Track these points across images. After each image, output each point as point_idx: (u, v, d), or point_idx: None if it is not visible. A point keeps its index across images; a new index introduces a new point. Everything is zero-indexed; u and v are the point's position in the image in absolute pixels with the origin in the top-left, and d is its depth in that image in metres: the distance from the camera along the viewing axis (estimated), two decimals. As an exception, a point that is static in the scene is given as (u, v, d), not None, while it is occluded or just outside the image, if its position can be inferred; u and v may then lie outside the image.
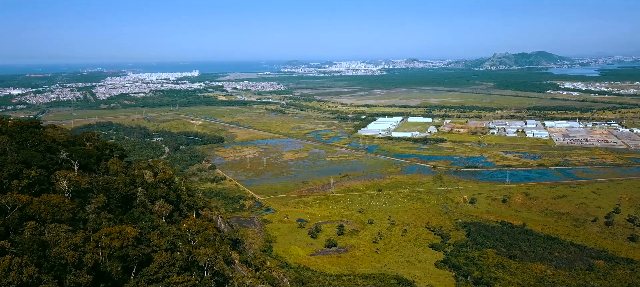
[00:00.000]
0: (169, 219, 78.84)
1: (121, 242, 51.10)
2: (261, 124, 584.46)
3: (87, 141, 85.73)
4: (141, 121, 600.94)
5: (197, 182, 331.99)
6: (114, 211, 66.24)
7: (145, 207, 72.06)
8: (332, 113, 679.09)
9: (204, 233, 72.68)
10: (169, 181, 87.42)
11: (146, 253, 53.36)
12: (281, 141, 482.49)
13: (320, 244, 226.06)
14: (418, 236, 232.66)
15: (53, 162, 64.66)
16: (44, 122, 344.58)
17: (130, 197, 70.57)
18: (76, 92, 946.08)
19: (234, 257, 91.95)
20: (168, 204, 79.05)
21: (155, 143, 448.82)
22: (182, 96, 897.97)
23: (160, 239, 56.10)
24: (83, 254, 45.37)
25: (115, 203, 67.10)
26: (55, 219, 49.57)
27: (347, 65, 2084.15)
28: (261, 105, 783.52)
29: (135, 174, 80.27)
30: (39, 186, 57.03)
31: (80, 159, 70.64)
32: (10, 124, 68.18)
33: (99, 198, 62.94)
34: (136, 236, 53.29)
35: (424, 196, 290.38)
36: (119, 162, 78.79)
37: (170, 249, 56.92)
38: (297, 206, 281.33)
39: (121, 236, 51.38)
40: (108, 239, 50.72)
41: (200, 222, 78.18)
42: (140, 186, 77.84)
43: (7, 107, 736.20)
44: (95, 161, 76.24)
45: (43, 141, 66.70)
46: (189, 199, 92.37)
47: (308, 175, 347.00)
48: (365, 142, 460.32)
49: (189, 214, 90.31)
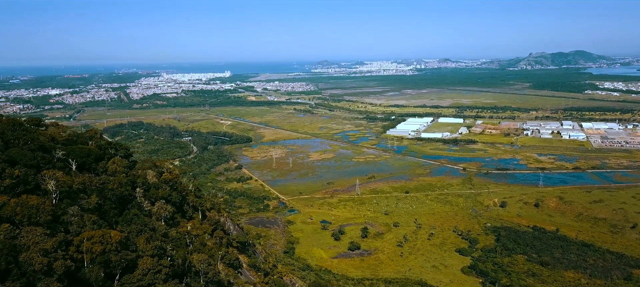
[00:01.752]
0: (171, 221, 76.07)
1: (103, 247, 48.15)
2: (289, 124, 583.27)
3: (90, 140, 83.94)
4: (171, 121, 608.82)
5: (223, 181, 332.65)
6: (108, 213, 63.75)
7: (141, 209, 69.21)
8: (361, 113, 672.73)
9: (200, 237, 69.34)
10: (172, 182, 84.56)
11: (130, 259, 50.28)
12: (308, 141, 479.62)
13: (343, 246, 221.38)
14: (445, 240, 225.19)
15: (45, 161, 62.52)
16: (79, 122, 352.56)
17: (126, 199, 67.96)
18: (111, 92, 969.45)
19: (242, 261, 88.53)
20: (170, 205, 76.32)
21: (184, 143, 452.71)
22: (212, 96, 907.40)
23: (147, 244, 52.93)
24: (54, 260, 42.53)
25: (110, 204, 64.51)
26: (32, 222, 47.03)
27: (378, 66, 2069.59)
28: (290, 105, 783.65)
29: (136, 175, 77.67)
30: (23, 186, 54.88)
31: (77, 158, 68.48)
32: (4, 121, 66.45)
33: (90, 199, 60.45)
34: (121, 240, 50.29)
35: (452, 199, 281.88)
36: (121, 161, 76.32)
37: (157, 255, 53.74)
38: (322, 207, 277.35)
39: (103, 240, 48.43)
40: (89, 244, 47.84)
41: (199, 226, 74.86)
42: (140, 186, 75.27)
43: (45, 107, 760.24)
44: (94, 160, 74.05)
45: (35, 139, 64.57)
46: (195, 200, 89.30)
47: (334, 176, 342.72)
48: (393, 143, 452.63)
49: (195, 216, 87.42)
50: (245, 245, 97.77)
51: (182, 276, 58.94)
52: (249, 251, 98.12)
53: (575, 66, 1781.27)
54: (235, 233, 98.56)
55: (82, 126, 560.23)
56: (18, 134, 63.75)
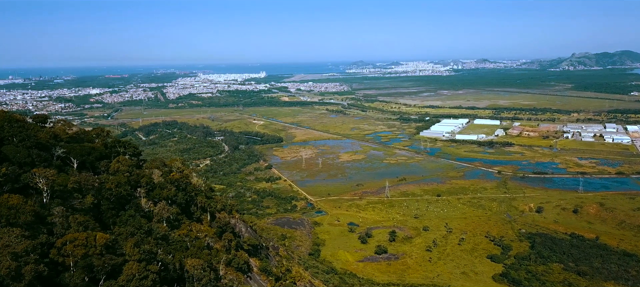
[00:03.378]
0: (177, 223, 73.51)
1: (86, 251, 45.59)
2: (320, 125, 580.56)
3: (97, 137, 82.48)
4: (205, 120, 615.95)
5: (253, 181, 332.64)
6: (105, 214, 61.61)
7: (139, 210, 66.76)
8: (395, 114, 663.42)
9: (199, 241, 66.26)
10: (178, 182, 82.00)
11: (113, 264, 47.55)
12: (339, 142, 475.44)
13: (370, 250, 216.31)
14: (476, 245, 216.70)
15: (41, 159, 60.80)
16: (116, 120, 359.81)
17: (126, 199, 65.68)
18: (148, 92, 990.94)
19: (252, 265, 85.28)
20: (175, 206, 73.83)
21: (216, 142, 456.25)
22: (247, 97, 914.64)
23: (134, 248, 50.12)
24: (25, 264, 40.09)
25: (107, 205, 62.32)
26: (11, 223, 44.91)
27: (414, 66, 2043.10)
28: (322, 106, 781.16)
29: (140, 174, 75.49)
30: (11, 185, 53.14)
31: (78, 157, 66.70)
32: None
33: (86, 199, 58.33)
34: (106, 243, 47.66)
35: (485, 203, 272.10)
36: (125, 160, 74.27)
37: (145, 259, 50.88)
38: (350, 209, 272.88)
39: (87, 243, 45.89)
40: (71, 247, 45.37)
41: (200, 228, 71.86)
42: (144, 186, 72.99)
43: (85, 106, 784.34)
44: (98, 159, 72.21)
45: (32, 136, 63.01)
46: (204, 201, 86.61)
47: (363, 177, 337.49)
48: (426, 145, 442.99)
49: (203, 217, 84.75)
50: (257, 248, 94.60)
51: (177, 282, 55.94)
52: (261, 254, 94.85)
53: (621, 67, 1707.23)
54: (247, 235, 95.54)
55: (118, 125, 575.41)
56: (14, 130, 62.48)
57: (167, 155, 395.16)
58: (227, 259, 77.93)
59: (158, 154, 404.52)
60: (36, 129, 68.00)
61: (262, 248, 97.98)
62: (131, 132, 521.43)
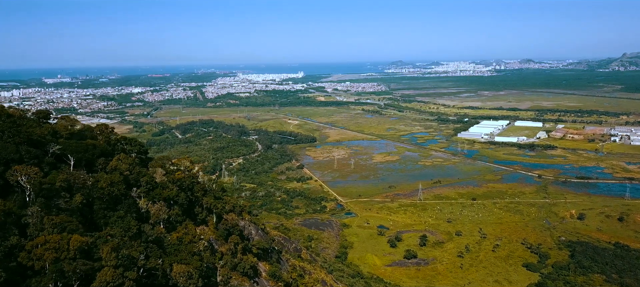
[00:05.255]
0: (177, 224, 70.61)
1: (57, 254, 42.86)
2: (355, 125, 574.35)
3: (100, 134, 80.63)
4: (241, 120, 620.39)
5: (284, 180, 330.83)
6: (97, 214, 59.15)
7: (133, 210, 63.96)
8: (432, 115, 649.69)
9: (190, 245, 62.76)
10: (181, 181, 79.02)
11: (85, 270, 44.56)
12: (373, 143, 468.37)
13: (399, 254, 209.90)
14: (511, 252, 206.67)
15: (31, 156, 58.86)
16: (155, 119, 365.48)
17: (119, 199, 63.03)
18: (188, 91, 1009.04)
19: (261, 270, 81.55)
20: (177, 207, 71.03)
21: (250, 141, 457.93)
22: (283, 96, 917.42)
23: (111, 253, 47.03)
24: (-20, 270, 37.50)
25: (99, 205, 59.83)
26: None
27: (454, 66, 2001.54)
28: (358, 106, 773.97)
29: (141, 173, 72.91)
30: None
31: (74, 154, 64.63)
32: None
33: (74, 198, 55.94)
34: (81, 247, 44.77)
35: (523, 208, 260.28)
36: (126, 158, 71.88)
37: (123, 265, 47.75)
38: (380, 212, 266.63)
39: (59, 247, 43.14)
40: (41, 250, 42.72)
41: (192, 230, 68.48)
42: (143, 185, 70.37)
43: (126, 104, 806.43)
44: (96, 156, 70.00)
45: (23, 132, 61.19)
46: (209, 201, 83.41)
47: (396, 179, 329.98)
48: (464, 147, 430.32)
49: (208, 219, 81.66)
50: (267, 251, 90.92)
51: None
52: (271, 258, 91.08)
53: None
54: (257, 238, 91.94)
55: (156, 123, 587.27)
56: (5, 125, 60.88)
57: (201, 153, 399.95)
58: (232, 263, 74.55)
59: (192, 152, 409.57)
60: (31, 125, 66.50)
61: (272, 252, 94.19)
62: (168, 130, 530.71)
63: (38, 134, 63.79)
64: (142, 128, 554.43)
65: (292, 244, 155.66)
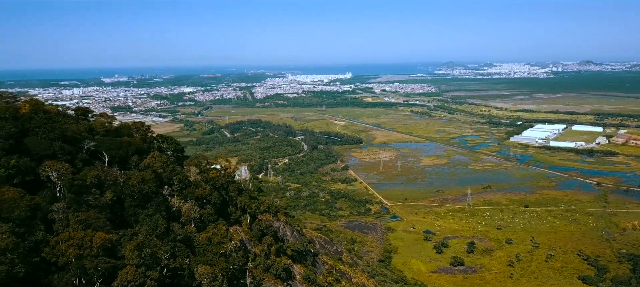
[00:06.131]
0: (212, 224, 69.32)
1: (80, 251, 41.98)
2: (403, 127, 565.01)
3: (136, 132, 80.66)
4: (288, 120, 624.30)
5: (328, 181, 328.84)
6: (127, 211, 58.56)
7: (162, 208, 62.88)
8: (484, 117, 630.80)
9: (218, 246, 60.98)
10: (214, 180, 77.73)
11: (106, 267, 43.46)
12: (421, 145, 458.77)
13: (445, 260, 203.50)
14: (566, 264, 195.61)
15: (64, 152, 58.93)
16: (205, 118, 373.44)
17: (149, 197, 62.22)
18: (237, 91, 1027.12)
19: (295, 273, 79.21)
20: (210, 206, 69.80)
21: (296, 141, 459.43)
22: (330, 97, 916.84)
23: (134, 251, 45.82)
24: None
25: (130, 202, 59.22)
26: (2, 217, 42.31)
27: (508, 68, 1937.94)
28: (407, 107, 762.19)
29: (174, 171, 72.14)
30: (21, 177, 51.30)
31: (108, 151, 64.50)
32: (27, 108, 64.59)
33: (105, 195, 55.46)
34: (103, 244, 43.77)
35: (580, 217, 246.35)
36: (159, 156, 71.33)
37: (145, 264, 46.44)
38: (427, 216, 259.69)
39: (82, 243, 42.28)
40: (65, 246, 41.99)
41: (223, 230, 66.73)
42: (176, 184, 69.48)
43: (178, 103, 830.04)
44: (131, 153, 69.75)
45: (57, 129, 61.41)
46: (246, 202, 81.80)
47: (444, 183, 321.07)
48: (516, 151, 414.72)
49: (242, 219, 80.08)
50: (302, 254, 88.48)
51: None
52: (307, 260, 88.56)
53: None
54: (292, 240, 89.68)
55: (206, 122, 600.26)
56: (39, 121, 61.44)
57: (248, 152, 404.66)
58: (265, 265, 72.63)
59: (240, 151, 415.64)
60: (66, 122, 66.98)
61: (308, 254, 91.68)
62: (217, 129, 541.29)
63: (73, 130, 64.14)
64: (192, 127, 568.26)
65: (333, 247, 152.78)
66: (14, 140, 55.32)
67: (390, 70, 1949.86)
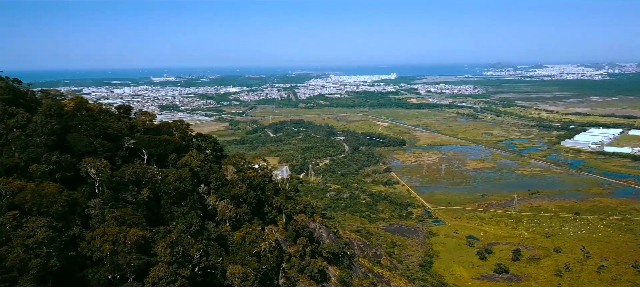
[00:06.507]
0: (247, 223, 69.40)
1: (113, 247, 42.63)
2: (448, 129, 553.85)
3: (176, 130, 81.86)
4: (330, 120, 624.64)
5: (369, 183, 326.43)
6: (164, 209, 59.37)
7: (197, 206, 63.32)
8: (533, 120, 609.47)
9: (251, 246, 60.72)
10: (251, 180, 77.81)
11: (138, 264, 43.90)
12: (466, 148, 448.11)
13: (489, 267, 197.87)
14: (619, 275, 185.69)
15: (104, 149, 60.37)
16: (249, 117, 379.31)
17: (185, 195, 62.80)
18: (281, 91, 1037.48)
19: (331, 275, 78.31)
20: (246, 206, 69.89)
21: (337, 142, 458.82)
22: (374, 98, 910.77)
23: (166, 248, 46.11)
24: (33, 257, 37.79)
25: (167, 199, 60.02)
26: (42, 211, 43.53)
27: (560, 69, 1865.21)
28: (453, 109, 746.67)
29: (212, 169, 72.68)
30: (62, 173, 52.75)
31: (147, 149, 65.65)
32: (71, 105, 66.54)
33: (142, 192, 56.41)
34: (137, 240, 44.28)
35: (636, 227, 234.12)
36: (198, 154, 72.08)
37: (177, 262, 46.64)
38: (471, 221, 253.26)
39: (116, 240, 42.92)
40: (100, 241, 42.74)
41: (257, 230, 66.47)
42: (213, 182, 69.99)
43: (224, 103, 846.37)
44: (170, 151, 70.75)
45: (98, 126, 62.94)
46: (282, 202, 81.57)
47: (490, 187, 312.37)
48: (567, 156, 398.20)
49: (277, 219, 79.84)
50: (338, 256, 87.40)
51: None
52: (343, 263, 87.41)
53: None
54: (328, 242, 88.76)
55: (250, 121, 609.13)
56: (81, 118, 63.21)
57: (290, 152, 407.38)
58: (299, 266, 72.14)
59: (282, 150, 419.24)
60: (107, 120, 68.69)
61: (344, 257, 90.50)
62: (261, 129, 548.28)
63: (114, 128, 65.84)
64: (237, 126, 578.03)
65: (372, 249, 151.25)
66: (56, 137, 57.33)
67: (436, 72, 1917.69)
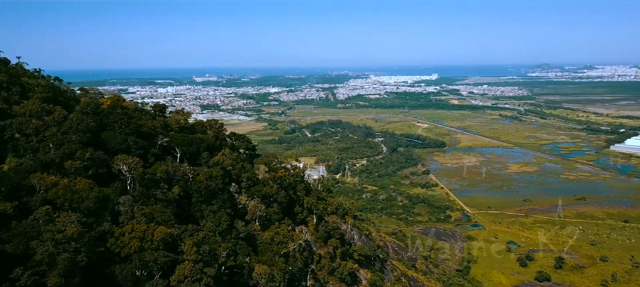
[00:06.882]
0: (277, 222, 69.29)
1: (141, 244, 43.19)
2: (490, 131, 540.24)
3: (210, 129, 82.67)
4: (369, 121, 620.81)
5: (407, 185, 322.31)
6: (194, 206, 59.96)
7: (226, 205, 63.53)
8: (580, 124, 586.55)
9: (279, 246, 60.36)
10: (282, 180, 77.62)
11: (164, 261, 44.28)
12: (509, 151, 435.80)
13: (529, 275, 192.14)
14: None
15: (137, 147, 61.50)
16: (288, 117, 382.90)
17: (216, 194, 63.25)
18: (320, 92, 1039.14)
19: (361, 277, 77.27)
20: (276, 205, 69.76)
21: (375, 143, 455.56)
22: (414, 99, 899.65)
23: (193, 247, 46.35)
24: (62, 252, 38.62)
25: (197, 197, 60.58)
26: (72, 207, 44.56)
27: (611, 70, 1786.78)
28: (495, 110, 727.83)
29: (244, 168, 72.92)
30: (95, 169, 53.95)
31: (180, 147, 66.50)
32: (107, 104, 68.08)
33: (173, 190, 57.12)
34: (164, 238, 44.71)
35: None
36: (230, 153, 72.53)
37: (203, 261, 46.80)
38: (511, 226, 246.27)
39: (144, 237, 43.47)
40: (128, 238, 43.39)
41: (285, 231, 66.07)
42: (244, 181, 70.23)
43: (263, 103, 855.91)
44: (203, 150, 71.48)
45: (131, 124, 64.19)
46: (313, 203, 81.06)
47: (532, 192, 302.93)
48: (617, 161, 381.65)
49: (308, 219, 79.38)
50: (370, 259, 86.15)
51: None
52: (374, 266, 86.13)
53: None
54: (360, 244, 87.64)
55: (288, 121, 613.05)
56: (116, 116, 64.62)
57: (327, 153, 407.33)
58: (329, 268, 71.52)
59: (319, 150, 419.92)
60: (141, 118, 70.02)
61: (376, 260, 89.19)
62: (299, 129, 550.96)
63: (148, 126, 67.09)
64: (275, 126, 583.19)
65: (407, 253, 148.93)
66: (91, 134, 58.93)
67: (479, 72, 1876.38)
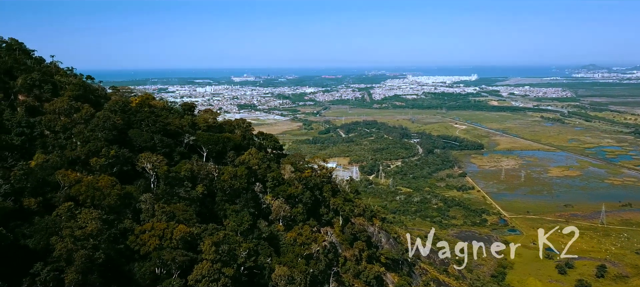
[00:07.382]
0: (302, 223, 68.74)
1: (159, 242, 43.35)
2: (531, 133, 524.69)
3: (237, 128, 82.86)
4: (405, 122, 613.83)
5: (442, 187, 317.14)
6: (218, 205, 60.05)
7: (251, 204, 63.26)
8: (628, 126, 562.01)
9: (301, 248, 59.56)
10: (307, 180, 76.89)
11: (182, 260, 44.27)
12: (550, 154, 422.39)
13: (569, 283, 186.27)
14: None
15: (163, 145, 62.10)
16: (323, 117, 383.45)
17: (239, 193, 63.12)
18: (356, 92, 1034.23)
19: (388, 281, 75.80)
20: (301, 206, 69.18)
21: (411, 144, 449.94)
22: (452, 100, 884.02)
23: (211, 247, 46.20)
24: (80, 249, 39.03)
25: (221, 196, 60.66)
26: (94, 204, 45.16)
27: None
28: (537, 112, 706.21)
29: (270, 168, 72.69)
30: (120, 167, 54.62)
31: (206, 145, 66.84)
32: (135, 102, 69.04)
33: (196, 188, 57.36)
34: (183, 237, 44.75)
35: None
36: (256, 153, 72.46)
37: (222, 261, 46.55)
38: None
39: (163, 235, 43.62)
40: (147, 236, 43.63)
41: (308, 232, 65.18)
42: (270, 181, 69.96)
43: (299, 103, 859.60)
44: (229, 149, 71.63)
45: (158, 122, 64.85)
46: (339, 204, 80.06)
47: (574, 197, 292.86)
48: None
49: (334, 221, 78.39)
50: (398, 262, 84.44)
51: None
52: (402, 270, 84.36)
53: None
54: (387, 247, 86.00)
55: (323, 121, 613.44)
56: (144, 115, 65.46)
57: (361, 153, 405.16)
58: (355, 270, 70.47)
59: (353, 151, 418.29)
60: (167, 116, 70.78)
61: (404, 263, 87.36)
62: (333, 129, 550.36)
63: (175, 124, 67.83)
64: (310, 126, 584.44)
65: (439, 257, 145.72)
66: (118, 132, 59.99)
67: (520, 73, 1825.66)
